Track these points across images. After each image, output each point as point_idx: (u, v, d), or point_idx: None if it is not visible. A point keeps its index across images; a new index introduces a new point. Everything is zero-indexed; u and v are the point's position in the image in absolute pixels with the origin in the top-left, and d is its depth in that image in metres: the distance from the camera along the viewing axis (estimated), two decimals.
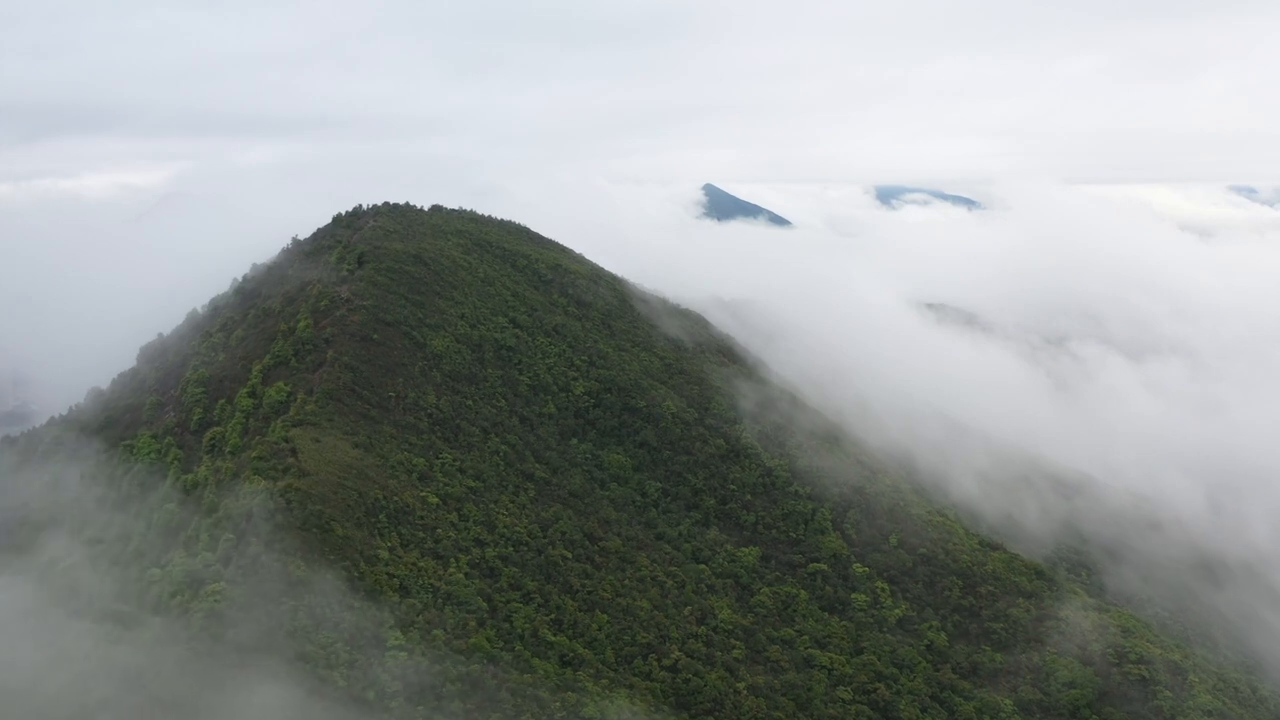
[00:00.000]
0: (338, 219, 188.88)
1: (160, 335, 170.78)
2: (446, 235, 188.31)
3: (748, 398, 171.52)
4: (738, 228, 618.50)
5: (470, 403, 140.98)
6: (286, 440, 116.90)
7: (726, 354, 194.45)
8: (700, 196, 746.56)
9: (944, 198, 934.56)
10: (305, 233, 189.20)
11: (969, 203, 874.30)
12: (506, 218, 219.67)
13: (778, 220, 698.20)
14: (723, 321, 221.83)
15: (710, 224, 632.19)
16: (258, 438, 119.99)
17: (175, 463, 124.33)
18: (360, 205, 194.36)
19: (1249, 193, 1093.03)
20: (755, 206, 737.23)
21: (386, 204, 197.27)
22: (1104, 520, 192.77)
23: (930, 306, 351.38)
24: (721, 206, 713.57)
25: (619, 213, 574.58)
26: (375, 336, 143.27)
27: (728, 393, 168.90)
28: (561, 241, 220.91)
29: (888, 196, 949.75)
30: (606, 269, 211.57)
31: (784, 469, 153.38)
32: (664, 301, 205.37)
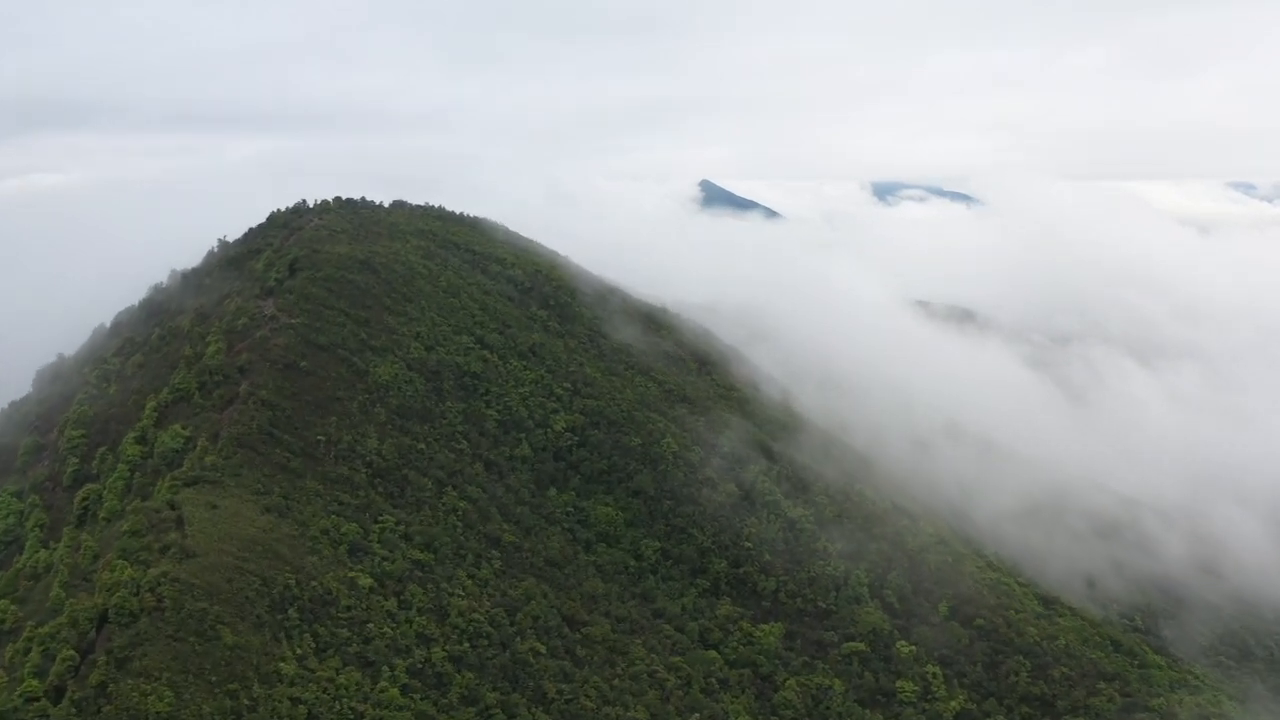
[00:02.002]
0: (274, 217, 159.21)
1: (60, 356, 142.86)
2: (405, 236, 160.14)
3: (760, 429, 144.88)
4: (734, 224, 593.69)
5: (422, 446, 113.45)
6: (172, 506, 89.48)
7: (732, 372, 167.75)
8: (696, 193, 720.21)
9: (941, 194, 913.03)
10: None
11: (966, 199, 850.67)
12: (500, 216, 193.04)
13: (774, 216, 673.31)
14: (720, 325, 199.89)
15: (706, 220, 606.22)
16: (138, 502, 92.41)
17: (35, 531, 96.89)
18: (304, 200, 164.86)
19: (1247, 189, 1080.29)
20: (752, 202, 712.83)
21: (337, 199, 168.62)
22: (1153, 557, 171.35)
23: (928, 304, 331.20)
24: (718, 202, 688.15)
25: (614, 210, 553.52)
26: (304, 364, 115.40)
27: (738, 424, 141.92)
28: (554, 240, 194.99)
29: (884, 193, 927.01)
30: (597, 273, 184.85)
31: (809, 519, 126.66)
32: (663, 311, 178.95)
